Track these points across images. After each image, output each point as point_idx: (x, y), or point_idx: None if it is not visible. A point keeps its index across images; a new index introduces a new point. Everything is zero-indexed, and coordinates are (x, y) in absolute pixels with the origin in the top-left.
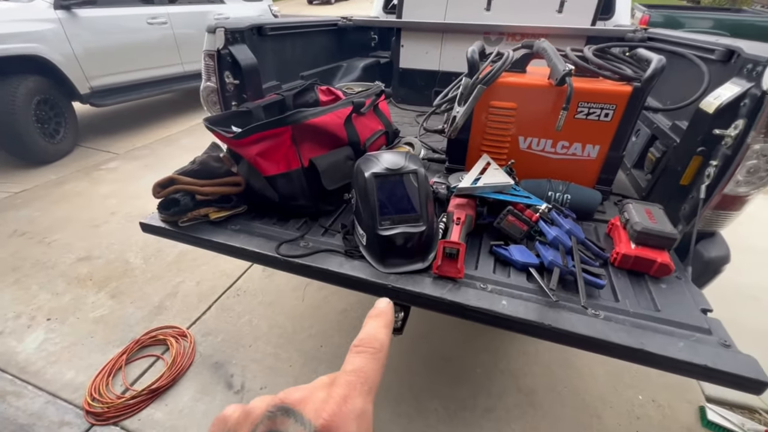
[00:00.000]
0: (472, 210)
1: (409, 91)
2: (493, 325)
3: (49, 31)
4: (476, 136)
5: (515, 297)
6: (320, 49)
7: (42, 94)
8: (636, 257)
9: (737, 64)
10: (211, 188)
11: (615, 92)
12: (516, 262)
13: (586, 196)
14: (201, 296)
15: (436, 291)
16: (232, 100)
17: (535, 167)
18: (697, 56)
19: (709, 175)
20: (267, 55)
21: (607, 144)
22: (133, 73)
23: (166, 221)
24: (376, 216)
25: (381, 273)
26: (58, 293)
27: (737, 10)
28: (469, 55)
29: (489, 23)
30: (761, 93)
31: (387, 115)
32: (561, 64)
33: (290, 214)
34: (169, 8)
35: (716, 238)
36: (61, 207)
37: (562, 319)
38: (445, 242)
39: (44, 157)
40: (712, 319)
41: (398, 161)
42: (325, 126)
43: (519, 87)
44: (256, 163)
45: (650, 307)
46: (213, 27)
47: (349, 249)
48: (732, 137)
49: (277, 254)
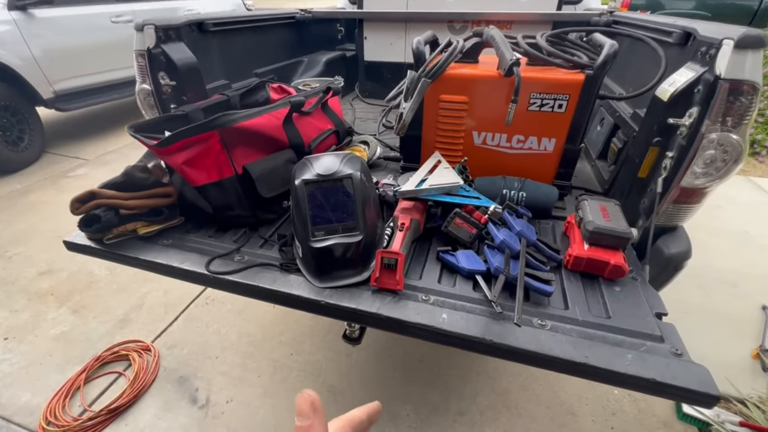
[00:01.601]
0: (419, 214)
1: (376, 85)
2: (434, 341)
3: (5, 34)
4: (428, 132)
5: (458, 309)
6: (278, 44)
7: (1, 101)
8: (588, 259)
9: (693, 47)
10: (136, 201)
11: (567, 81)
12: (462, 269)
13: (542, 193)
14: (168, 307)
15: (372, 306)
16: (171, 103)
17: (491, 164)
18: (656, 39)
19: (665, 167)
20: (212, 53)
21: (563, 136)
22: (100, 75)
23: (90, 239)
24: (308, 226)
25: (316, 288)
26: (17, 310)
27: None
28: (414, 46)
29: (452, 11)
30: (714, 78)
31: (338, 113)
32: (509, 53)
33: (228, 225)
34: (134, 5)
35: (678, 232)
36: (25, 218)
37: (506, 333)
38: (383, 252)
39: (7, 166)
40: (666, 324)
41: (332, 166)
42: (259, 128)
43: (469, 79)
44: (182, 172)
45: (601, 314)
46: (141, 24)
47: (285, 262)
48: (686, 126)
49: (207, 271)
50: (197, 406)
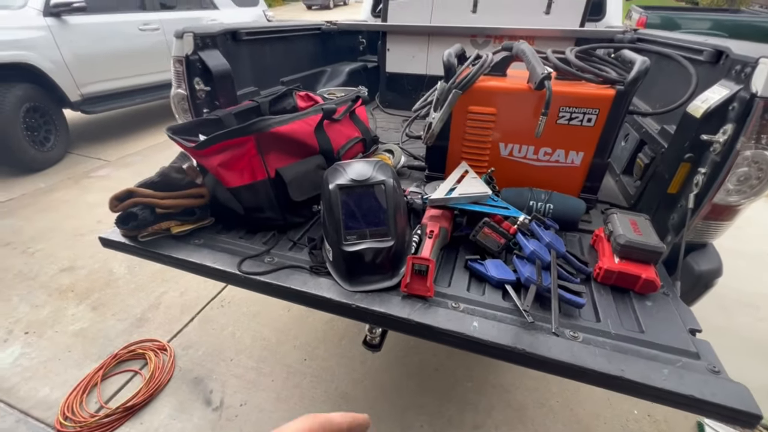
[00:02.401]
0: (447, 222)
1: (397, 96)
2: (464, 348)
3: (39, 39)
4: (455, 142)
5: (488, 318)
6: (303, 53)
7: (31, 102)
8: (619, 273)
9: (726, 66)
10: (171, 201)
11: (597, 96)
12: (491, 279)
13: (570, 206)
14: (184, 307)
15: (404, 311)
16: (204, 108)
17: (516, 175)
18: (685, 57)
19: (697, 184)
20: (243, 61)
21: (592, 150)
22: (125, 80)
23: (126, 236)
24: (340, 230)
25: (346, 291)
26: (37, 305)
27: (735, 11)
28: (445, 58)
29: (475, 26)
30: (750, 96)
31: (365, 122)
32: (540, 67)
33: (257, 227)
34: (161, 14)
35: (708, 249)
36: (47, 216)
37: (538, 343)
38: (413, 258)
39: (33, 165)
40: (701, 340)
41: (365, 171)
42: (293, 134)
43: (498, 91)
44: (218, 174)
45: (634, 328)
46: (181, 32)
47: (315, 265)
48: (720, 143)
49: (239, 271)
50: (211, 407)
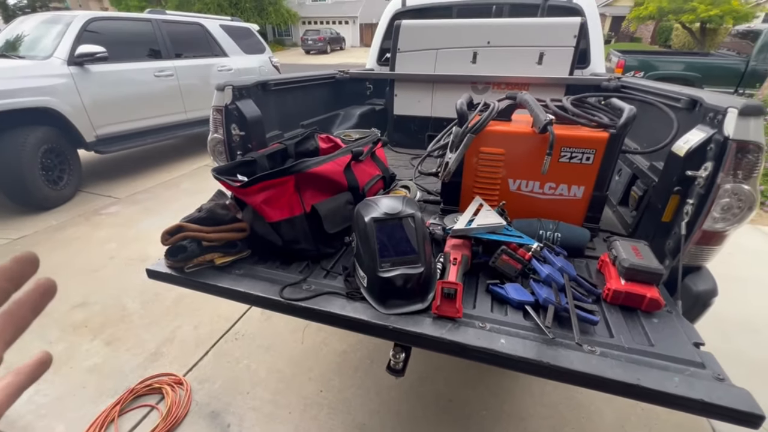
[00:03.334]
0: (468, 250)
1: (404, 136)
2: (493, 363)
3: (61, 85)
4: (468, 179)
5: (513, 335)
6: (319, 99)
7: (49, 143)
8: (627, 293)
9: (701, 112)
10: (217, 235)
11: (594, 138)
12: (512, 300)
13: (576, 234)
14: (198, 341)
15: (436, 331)
16: (237, 150)
17: (525, 207)
18: (666, 104)
19: (687, 213)
20: (270, 107)
21: (591, 185)
22: (139, 122)
23: (172, 267)
24: (376, 258)
25: (382, 314)
26: (51, 342)
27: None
28: (458, 106)
29: (476, 74)
30: (723, 138)
31: (384, 161)
32: (542, 114)
33: (293, 258)
34: (176, 62)
35: (703, 272)
36: (59, 253)
37: (560, 357)
38: (443, 282)
39: (46, 203)
40: (705, 352)
41: (396, 206)
42: (326, 174)
43: (506, 134)
44: (261, 210)
45: (644, 342)
46: (222, 85)
47: (351, 291)
48: (703, 178)
49: (281, 298)
50: None
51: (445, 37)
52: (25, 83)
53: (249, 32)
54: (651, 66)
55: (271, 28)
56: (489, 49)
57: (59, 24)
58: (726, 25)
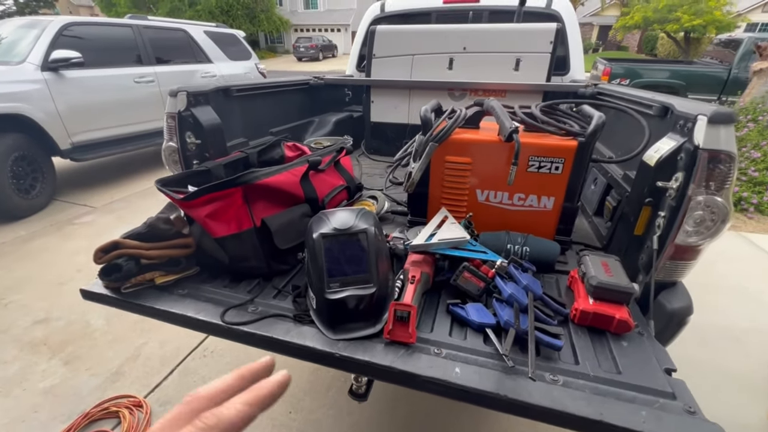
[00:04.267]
0: (429, 267)
1: (381, 143)
2: (447, 396)
3: (34, 91)
4: (435, 189)
5: (470, 363)
6: (292, 105)
7: (20, 151)
8: (594, 313)
9: (672, 120)
10: (157, 252)
11: (562, 146)
12: (472, 323)
13: (545, 248)
14: (164, 359)
15: (386, 359)
16: (194, 159)
17: (494, 219)
18: (638, 111)
19: (659, 226)
20: (234, 114)
21: (561, 195)
22: (118, 128)
23: (108, 287)
24: (323, 278)
25: (330, 340)
26: (6, 361)
27: (689, 62)
28: (422, 113)
29: (452, 80)
30: (694, 147)
31: (349, 170)
32: (508, 122)
33: (242, 276)
34: (157, 68)
35: (678, 288)
36: (25, 265)
37: (519, 388)
38: (396, 304)
39: (17, 212)
40: (677, 380)
41: (348, 220)
42: (279, 185)
43: (472, 143)
44: (205, 224)
45: (612, 370)
46: (175, 91)
47: (299, 313)
48: (674, 189)
49: (221, 322)
50: None
51: (421, 42)
52: None
53: (235, 39)
54: (636, 74)
55: (264, 35)
56: (465, 55)
57: (35, 29)
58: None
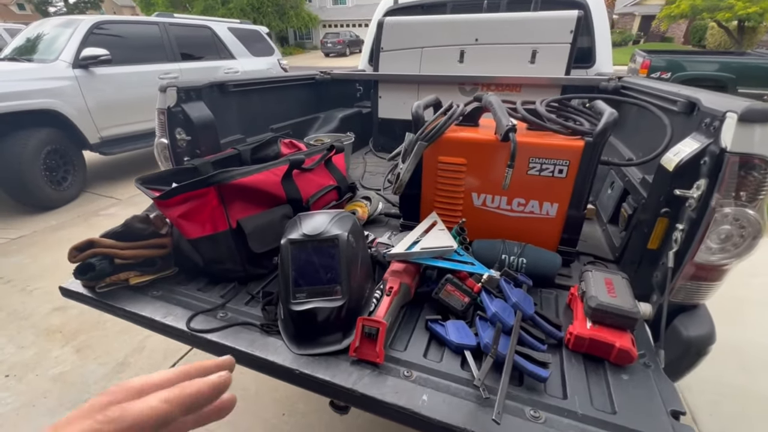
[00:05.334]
0: (410, 277)
1: (389, 140)
2: (410, 425)
3: (66, 88)
4: (428, 191)
5: (441, 390)
6: (294, 102)
7: (53, 145)
8: (591, 339)
9: (698, 117)
10: (131, 251)
11: (566, 147)
12: (450, 343)
13: (544, 260)
14: (167, 352)
15: (349, 380)
16: (185, 156)
17: (491, 226)
18: (662, 107)
19: (676, 240)
20: (231, 110)
21: (566, 202)
22: (143, 124)
23: (85, 286)
24: (289, 288)
25: (293, 354)
26: (24, 347)
27: (741, 53)
28: (414, 109)
29: (463, 74)
30: (720, 150)
31: (341, 169)
32: (505, 119)
33: (218, 278)
34: (181, 65)
35: (698, 312)
36: (53, 254)
37: (491, 425)
38: (363, 319)
39: (49, 203)
40: (683, 426)
41: (320, 225)
42: (256, 185)
43: (467, 142)
44: (178, 225)
45: (605, 408)
46: (164, 87)
47: (267, 323)
48: (695, 198)
49: (186, 328)
50: None
51: (430, 34)
52: (30, 86)
53: (258, 35)
54: (679, 66)
55: (293, 31)
56: (477, 46)
57: (69, 28)
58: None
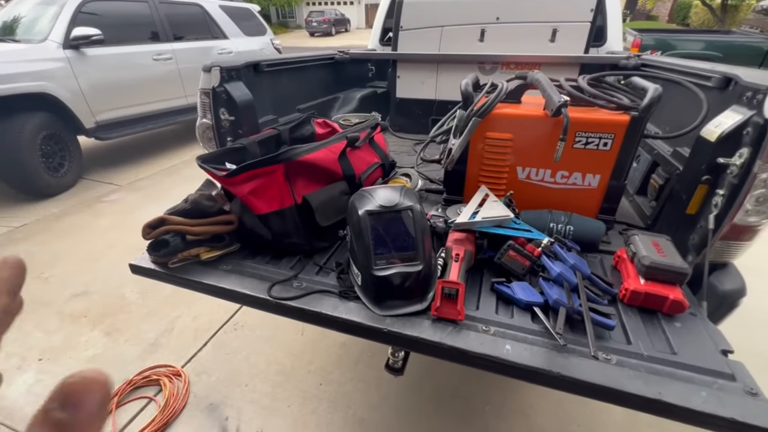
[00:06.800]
0: (472, 245)
1: (407, 120)
2: (498, 372)
3: (58, 70)
4: (473, 167)
5: (520, 340)
6: (317, 82)
7: (48, 130)
8: (646, 294)
9: (736, 92)
10: (202, 228)
11: (613, 121)
12: (519, 301)
13: (590, 227)
14: (197, 332)
15: (435, 335)
16: (228, 136)
17: (534, 198)
18: (694, 83)
19: (716, 205)
20: (263, 90)
21: (608, 173)
22: (138, 107)
23: (156, 262)
24: (370, 255)
25: (377, 316)
26: (51, 332)
27: (726, 32)
28: (463, 87)
29: (483, 53)
30: (764, 121)
31: (383, 147)
32: (556, 95)
33: (284, 252)
34: (174, 45)
35: (729, 269)
36: (61, 241)
37: (572, 366)
38: (443, 282)
39: (47, 190)
40: (735, 362)
41: (393, 197)
42: (318, 162)
43: (515, 118)
44: (248, 201)
45: (666, 350)
46: (209, 66)
47: (344, 290)
48: (737, 166)
49: (269, 297)
50: None
51: (451, 13)
52: (21, 68)
53: (250, 13)
54: (668, 45)
55: (275, 9)
56: (498, 25)
57: (54, 5)
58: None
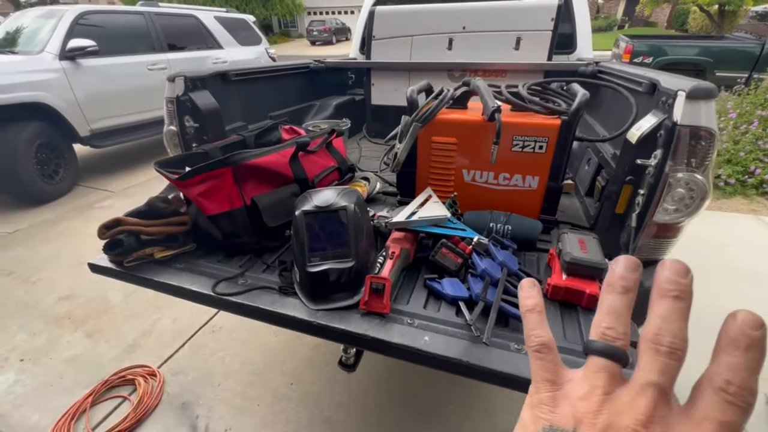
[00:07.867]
0: (410, 244)
1: (382, 126)
2: (415, 361)
3: (54, 80)
4: (422, 169)
5: (440, 332)
6: (292, 90)
7: (43, 138)
8: (566, 288)
9: (657, 96)
10: (155, 228)
11: (545, 125)
12: (446, 296)
13: (527, 227)
14: (176, 333)
15: (360, 327)
16: (193, 142)
17: (480, 199)
18: (629, 88)
19: (638, 204)
20: (233, 98)
21: (546, 174)
22: (133, 116)
23: (113, 261)
24: (305, 252)
25: (311, 310)
26: (35, 333)
27: (720, 37)
28: (408, 94)
29: (452, 61)
30: (672, 124)
31: (342, 152)
32: (491, 101)
33: (234, 251)
34: (169, 55)
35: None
36: (51, 246)
37: (483, 356)
38: (371, 277)
39: (42, 197)
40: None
41: (329, 198)
42: (268, 165)
43: (458, 123)
44: (198, 202)
45: (577, 340)
46: (173, 76)
47: (284, 286)
48: (653, 166)
49: (213, 293)
50: None
51: (420, 22)
52: (17, 78)
53: (245, 24)
54: (661, 51)
55: (277, 19)
56: (465, 34)
57: (53, 18)
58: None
